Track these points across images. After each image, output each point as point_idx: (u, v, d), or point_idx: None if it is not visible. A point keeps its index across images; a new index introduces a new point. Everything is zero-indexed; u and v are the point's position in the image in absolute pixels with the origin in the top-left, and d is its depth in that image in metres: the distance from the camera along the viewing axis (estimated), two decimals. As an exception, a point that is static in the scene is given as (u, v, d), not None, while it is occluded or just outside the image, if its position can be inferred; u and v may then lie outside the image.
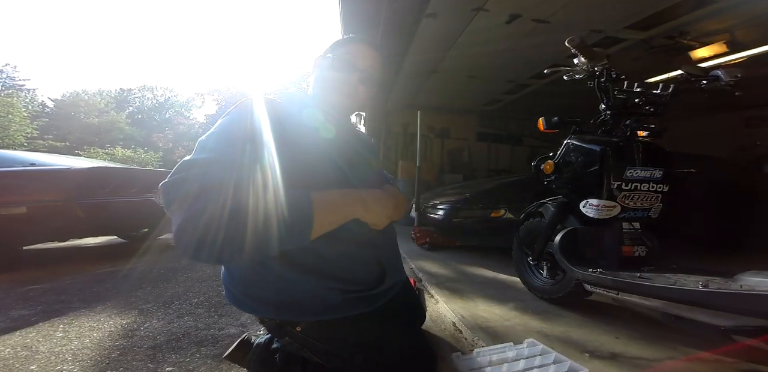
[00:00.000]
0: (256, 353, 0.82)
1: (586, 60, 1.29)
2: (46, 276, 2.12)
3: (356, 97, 0.85)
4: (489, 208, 2.45)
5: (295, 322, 0.71)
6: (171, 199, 0.55)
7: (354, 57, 0.83)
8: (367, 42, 0.87)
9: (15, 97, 16.48)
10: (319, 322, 0.69)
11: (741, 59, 3.14)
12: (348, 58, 0.83)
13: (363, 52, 0.85)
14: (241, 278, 0.72)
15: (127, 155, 16.62)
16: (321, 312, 0.68)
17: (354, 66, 0.82)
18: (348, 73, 0.82)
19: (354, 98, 0.84)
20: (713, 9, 2.48)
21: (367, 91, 0.86)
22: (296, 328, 0.71)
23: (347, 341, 0.71)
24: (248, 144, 0.61)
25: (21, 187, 2.23)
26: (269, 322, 0.75)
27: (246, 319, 1.37)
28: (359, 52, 0.85)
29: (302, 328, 0.71)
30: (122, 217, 2.60)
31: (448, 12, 2.68)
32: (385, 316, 0.73)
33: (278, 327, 0.74)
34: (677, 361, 0.97)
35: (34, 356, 1.06)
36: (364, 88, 0.85)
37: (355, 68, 0.82)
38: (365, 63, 0.84)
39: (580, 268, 1.19)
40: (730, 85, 1.19)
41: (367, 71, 0.84)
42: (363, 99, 0.86)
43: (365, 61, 0.84)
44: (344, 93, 0.83)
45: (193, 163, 0.58)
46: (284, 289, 0.68)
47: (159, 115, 31.70)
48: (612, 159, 1.20)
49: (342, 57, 0.83)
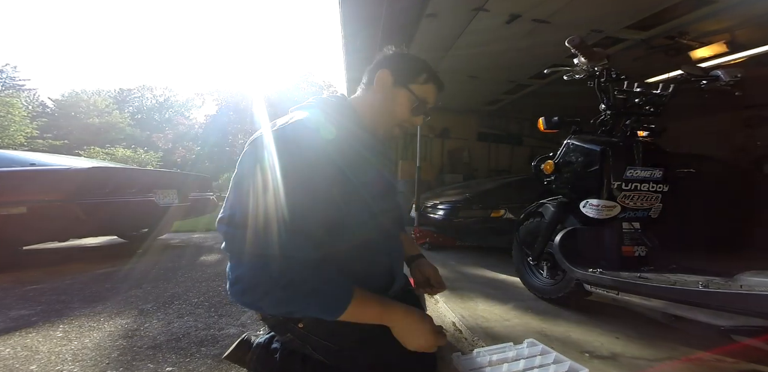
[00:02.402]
0: (256, 353, 0.82)
1: (586, 60, 1.29)
2: (46, 276, 2.12)
3: (407, 131, 0.88)
4: (489, 208, 2.45)
5: (297, 319, 0.72)
6: (257, 283, 0.59)
7: (427, 98, 0.85)
8: (442, 87, 0.89)
9: (15, 97, 16.47)
10: (321, 319, 0.69)
11: (741, 59, 3.14)
12: (424, 98, 0.84)
13: (435, 94, 0.87)
14: None
15: (127, 155, 16.61)
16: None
17: (426, 110, 0.86)
18: (418, 114, 0.85)
19: (405, 132, 0.87)
20: (713, 9, 2.48)
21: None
22: (298, 325, 0.72)
23: (348, 338, 0.71)
24: (320, 203, 0.64)
25: (21, 187, 2.23)
26: (271, 319, 0.76)
27: (246, 319, 1.37)
28: (432, 94, 0.87)
29: (304, 325, 0.72)
30: (122, 217, 2.60)
31: (448, 12, 2.68)
32: None
33: (280, 323, 0.74)
34: (677, 361, 0.97)
35: (34, 356, 1.06)
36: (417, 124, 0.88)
37: (425, 111, 0.86)
38: (431, 104, 0.87)
39: (580, 268, 1.19)
40: (730, 85, 1.19)
41: (428, 113, 0.87)
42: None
43: (432, 103, 0.87)
44: (403, 128, 0.87)
45: (275, 237, 0.59)
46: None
47: (159, 115, 31.71)
48: (612, 159, 1.21)
49: (420, 96, 0.84)
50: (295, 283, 0.59)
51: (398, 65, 0.85)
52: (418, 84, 0.85)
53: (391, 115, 0.84)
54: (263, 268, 0.59)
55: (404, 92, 0.83)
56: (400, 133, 0.87)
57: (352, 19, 3.12)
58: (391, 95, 0.84)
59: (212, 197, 3.84)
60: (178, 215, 3.20)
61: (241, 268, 0.60)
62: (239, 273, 0.60)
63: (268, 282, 0.59)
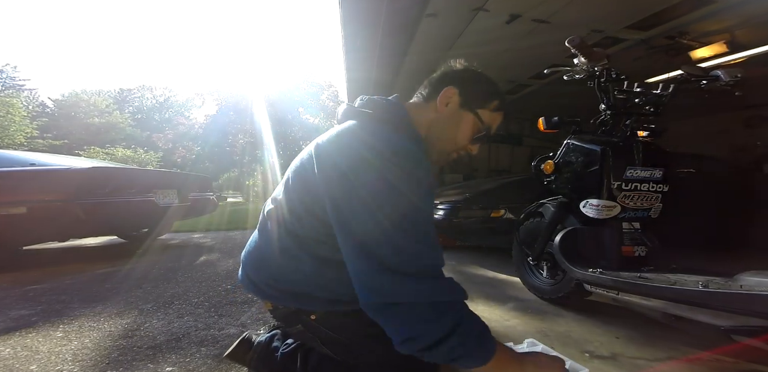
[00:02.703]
0: (257, 351, 0.82)
1: (586, 60, 1.29)
2: (46, 276, 2.12)
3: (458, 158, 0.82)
4: (489, 208, 2.45)
5: (310, 310, 0.72)
6: (420, 333, 0.53)
7: (492, 127, 0.80)
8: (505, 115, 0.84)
9: (15, 97, 16.46)
10: (333, 313, 0.71)
11: (741, 59, 3.14)
12: (489, 127, 0.79)
13: (499, 123, 0.82)
14: (274, 274, 0.73)
15: (127, 155, 16.61)
16: (337, 303, 0.70)
17: (486, 139, 0.80)
18: (477, 142, 0.79)
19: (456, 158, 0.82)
20: (713, 9, 2.47)
21: None
22: (311, 317, 0.72)
23: (357, 333, 0.72)
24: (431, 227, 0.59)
25: (21, 187, 2.23)
26: (283, 309, 0.76)
27: (246, 319, 1.37)
28: (498, 123, 0.81)
29: (317, 317, 0.72)
30: (122, 217, 2.60)
31: (448, 12, 2.68)
32: None
33: (292, 314, 0.74)
34: (677, 361, 0.97)
35: (34, 356, 1.06)
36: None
37: (485, 140, 0.80)
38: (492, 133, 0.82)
39: (580, 268, 1.19)
40: (730, 85, 1.19)
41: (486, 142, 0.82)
42: None
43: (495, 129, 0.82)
44: (459, 154, 0.81)
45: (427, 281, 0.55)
46: (318, 285, 0.69)
47: (159, 115, 31.73)
48: (612, 159, 1.21)
49: (487, 123, 0.78)
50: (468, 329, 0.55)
51: (470, 86, 0.77)
52: (489, 110, 0.78)
53: (451, 139, 0.77)
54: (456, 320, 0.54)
55: (472, 117, 0.76)
56: (453, 159, 0.80)
57: (352, 19, 3.12)
58: (456, 118, 0.76)
59: (212, 197, 3.84)
60: (178, 215, 3.21)
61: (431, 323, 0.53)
62: (424, 330, 0.53)
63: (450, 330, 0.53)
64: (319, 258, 0.68)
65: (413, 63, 3.79)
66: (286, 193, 0.72)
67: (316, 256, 0.68)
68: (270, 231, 0.74)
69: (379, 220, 0.55)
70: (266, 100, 14.32)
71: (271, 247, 0.73)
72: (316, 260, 0.68)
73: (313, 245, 0.67)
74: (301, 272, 0.69)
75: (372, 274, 0.54)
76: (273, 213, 0.74)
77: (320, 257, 0.68)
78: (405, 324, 0.53)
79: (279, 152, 14.55)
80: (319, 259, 0.68)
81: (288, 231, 0.70)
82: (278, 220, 0.72)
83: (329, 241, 0.65)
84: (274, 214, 0.74)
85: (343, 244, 0.59)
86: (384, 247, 0.54)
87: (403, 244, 0.55)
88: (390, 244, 0.54)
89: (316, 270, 0.68)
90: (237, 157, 15.58)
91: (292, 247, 0.69)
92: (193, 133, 17.36)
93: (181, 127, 19.77)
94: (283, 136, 14.64)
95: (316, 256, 0.68)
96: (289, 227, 0.69)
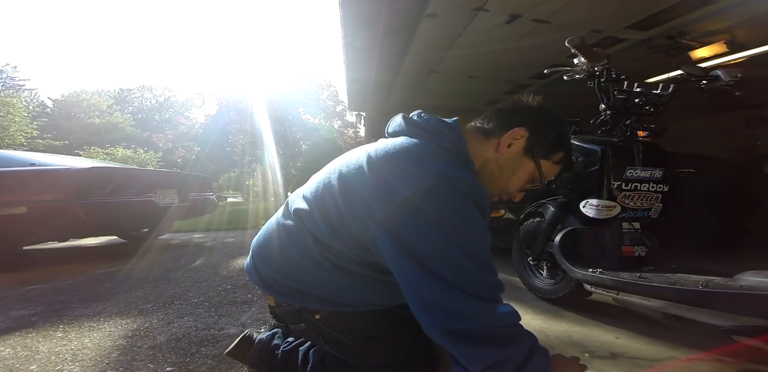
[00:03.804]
0: (258, 349, 0.82)
1: (586, 60, 1.29)
2: (46, 276, 2.12)
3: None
4: (489, 208, 2.45)
5: (315, 309, 0.71)
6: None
7: (548, 177, 0.75)
8: (569, 168, 0.79)
9: (15, 97, 16.47)
10: (338, 313, 0.71)
11: (741, 59, 3.14)
12: (546, 177, 0.75)
13: (555, 174, 0.77)
14: (284, 271, 0.72)
15: (128, 155, 16.62)
16: (342, 306, 0.69)
17: (537, 187, 0.75)
18: (528, 190, 0.76)
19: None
20: (713, 9, 2.47)
21: None
22: (315, 316, 0.72)
23: (360, 333, 0.72)
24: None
25: (21, 187, 2.23)
26: (287, 307, 0.75)
27: (246, 319, 1.37)
28: (554, 174, 0.77)
29: (321, 317, 0.72)
30: (122, 217, 2.61)
31: (448, 12, 2.68)
32: (392, 315, 0.74)
33: (296, 312, 0.74)
34: (677, 361, 0.97)
35: (34, 356, 1.06)
36: None
37: (534, 188, 0.76)
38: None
39: (580, 268, 1.19)
40: (730, 85, 1.19)
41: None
42: None
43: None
44: (501, 198, 0.77)
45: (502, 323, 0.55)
46: (328, 289, 0.68)
47: (159, 115, 31.74)
48: (612, 159, 1.21)
49: (545, 174, 0.74)
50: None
51: (541, 131, 0.71)
52: (551, 162, 0.73)
53: (503, 184, 0.73)
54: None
55: (532, 166, 0.71)
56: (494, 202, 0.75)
57: (352, 19, 3.12)
58: (515, 163, 0.71)
59: (212, 197, 3.84)
60: (178, 215, 3.21)
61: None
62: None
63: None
64: (339, 268, 0.66)
65: (413, 63, 3.79)
66: (321, 197, 0.67)
67: (337, 266, 0.66)
68: (292, 229, 0.71)
69: (449, 248, 0.55)
70: (266, 100, 14.30)
71: (289, 244, 0.71)
72: (335, 269, 0.66)
73: (339, 257, 0.65)
74: (313, 275, 0.68)
75: (449, 298, 0.53)
76: (301, 213, 0.70)
77: (341, 268, 0.66)
78: (491, 347, 0.53)
79: (279, 152, 14.54)
80: (338, 269, 0.66)
81: (315, 237, 0.66)
82: (306, 224, 0.68)
83: (358, 259, 0.64)
84: (302, 215, 0.69)
85: (403, 269, 0.57)
86: (458, 274, 0.54)
87: (476, 271, 0.55)
88: (465, 271, 0.55)
89: (330, 276, 0.67)
90: (237, 157, 15.57)
91: (314, 253, 0.67)
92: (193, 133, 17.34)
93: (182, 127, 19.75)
94: (283, 136, 14.64)
95: (337, 266, 0.66)
96: (316, 234, 0.66)
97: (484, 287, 0.56)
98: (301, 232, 0.69)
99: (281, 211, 0.79)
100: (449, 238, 0.55)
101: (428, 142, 0.64)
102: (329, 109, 16.41)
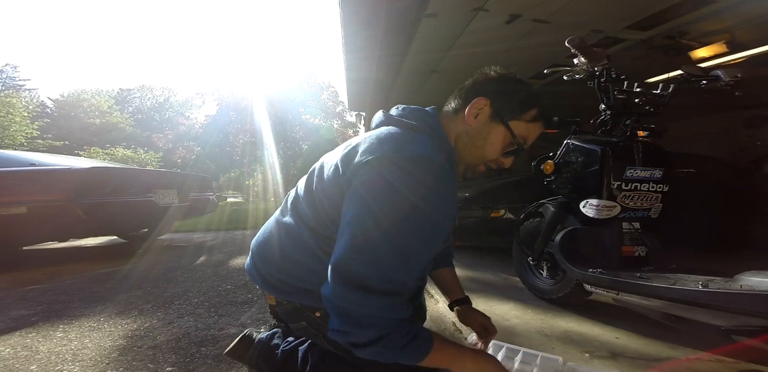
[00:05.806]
0: (258, 348, 0.82)
1: (586, 60, 1.29)
2: (46, 276, 2.12)
3: (491, 169, 0.78)
4: (489, 208, 2.45)
5: (315, 307, 0.72)
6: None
7: (528, 138, 0.74)
8: (550, 124, 0.80)
9: (15, 97, 16.47)
10: None
11: (741, 59, 3.14)
12: (524, 138, 0.73)
13: (539, 133, 0.76)
14: (283, 268, 0.73)
15: (128, 155, 16.61)
16: None
17: (522, 151, 0.74)
18: (511, 155, 0.74)
19: (489, 170, 0.78)
20: (713, 9, 2.47)
21: None
22: (315, 314, 0.72)
23: None
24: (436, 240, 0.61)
25: (21, 187, 2.23)
26: (287, 305, 0.75)
27: (246, 319, 1.37)
28: (536, 133, 0.75)
29: (321, 314, 0.72)
30: (122, 217, 2.61)
31: (448, 12, 2.68)
32: None
33: (296, 310, 0.74)
34: (677, 361, 0.97)
35: (34, 356, 1.06)
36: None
37: (520, 152, 0.74)
38: (529, 144, 0.75)
39: (580, 268, 1.19)
40: (730, 85, 1.19)
41: (523, 154, 0.76)
42: None
43: (531, 142, 0.76)
44: (487, 166, 0.76)
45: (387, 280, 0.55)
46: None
47: (159, 115, 31.72)
48: (612, 159, 1.21)
49: (520, 136, 0.73)
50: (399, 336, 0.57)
51: (502, 96, 0.72)
52: (524, 121, 0.72)
53: (479, 152, 0.73)
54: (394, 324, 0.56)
55: (501, 130, 0.71)
56: (483, 171, 0.77)
57: (352, 19, 3.12)
58: (484, 131, 0.72)
59: (212, 197, 3.84)
60: (178, 215, 3.21)
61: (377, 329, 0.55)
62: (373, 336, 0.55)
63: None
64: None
65: (413, 63, 3.79)
66: (308, 185, 0.72)
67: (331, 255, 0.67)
68: (290, 224, 0.73)
69: (374, 221, 0.56)
70: (266, 100, 14.32)
71: (287, 240, 0.72)
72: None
73: (330, 244, 0.66)
74: (311, 271, 0.69)
75: (348, 268, 0.56)
76: (296, 204, 0.74)
77: None
78: (346, 319, 0.56)
79: (279, 152, 14.56)
80: None
81: (307, 226, 0.70)
82: (300, 213, 0.72)
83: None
84: (296, 205, 0.74)
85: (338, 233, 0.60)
86: (365, 253, 0.56)
87: (383, 256, 0.55)
88: (371, 252, 0.55)
89: (327, 268, 0.68)
90: (237, 157, 15.58)
91: (311, 245, 0.69)
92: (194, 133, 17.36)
93: (182, 127, 19.78)
94: (284, 136, 14.65)
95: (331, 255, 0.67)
96: (306, 221, 0.70)
97: (381, 276, 0.55)
98: (297, 225, 0.71)
99: (279, 210, 0.81)
100: (379, 211, 0.56)
101: (405, 129, 0.68)
102: (329, 110, 16.41)
